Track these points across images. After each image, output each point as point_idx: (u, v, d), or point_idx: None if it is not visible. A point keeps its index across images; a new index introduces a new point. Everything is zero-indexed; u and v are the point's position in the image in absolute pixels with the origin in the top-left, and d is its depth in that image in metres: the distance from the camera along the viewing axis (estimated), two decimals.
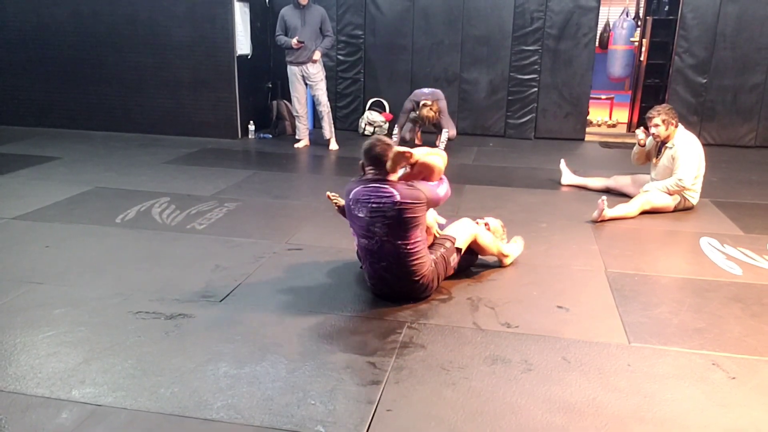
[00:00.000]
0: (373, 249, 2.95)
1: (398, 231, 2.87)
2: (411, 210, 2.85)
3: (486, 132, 7.62)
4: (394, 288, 3.01)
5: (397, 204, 2.83)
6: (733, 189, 5.37)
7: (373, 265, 3.00)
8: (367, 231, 2.93)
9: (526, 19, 7.22)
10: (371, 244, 2.94)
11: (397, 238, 2.88)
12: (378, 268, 2.98)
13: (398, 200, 2.83)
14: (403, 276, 2.95)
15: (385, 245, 2.91)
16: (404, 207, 2.83)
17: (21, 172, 5.44)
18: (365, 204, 2.89)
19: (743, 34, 6.96)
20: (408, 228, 2.88)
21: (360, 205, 2.91)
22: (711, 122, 7.26)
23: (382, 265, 2.96)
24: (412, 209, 2.85)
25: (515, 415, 2.18)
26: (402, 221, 2.85)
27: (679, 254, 3.96)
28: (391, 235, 2.87)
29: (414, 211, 2.86)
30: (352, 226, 3.04)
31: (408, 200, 2.84)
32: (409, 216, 2.85)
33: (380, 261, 2.96)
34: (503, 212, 4.57)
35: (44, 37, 7.27)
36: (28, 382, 2.32)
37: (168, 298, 3.03)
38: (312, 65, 6.49)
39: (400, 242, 2.89)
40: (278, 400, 2.24)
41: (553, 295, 3.17)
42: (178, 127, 7.25)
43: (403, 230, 2.87)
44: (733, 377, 2.45)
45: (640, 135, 4.76)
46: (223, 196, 4.86)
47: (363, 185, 2.93)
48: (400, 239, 2.89)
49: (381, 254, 2.93)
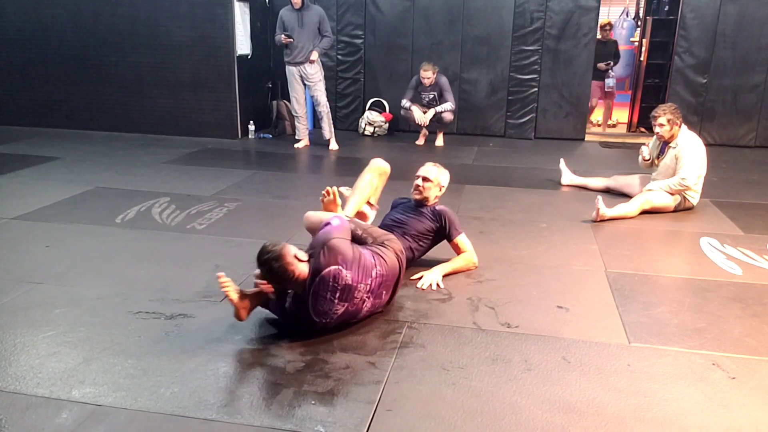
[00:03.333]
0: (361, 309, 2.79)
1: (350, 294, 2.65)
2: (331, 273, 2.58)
3: (486, 132, 7.63)
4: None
5: (322, 278, 2.57)
6: (733, 189, 5.37)
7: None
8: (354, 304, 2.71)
9: (526, 19, 7.22)
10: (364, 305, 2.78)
11: (374, 296, 2.77)
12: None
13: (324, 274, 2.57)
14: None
15: (366, 302, 2.75)
16: (325, 277, 2.57)
17: (21, 172, 5.44)
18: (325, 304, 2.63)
19: (743, 34, 6.96)
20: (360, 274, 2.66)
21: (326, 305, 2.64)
22: (711, 122, 7.26)
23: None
24: (331, 274, 2.57)
25: (515, 415, 2.18)
26: (347, 288, 2.61)
27: (679, 254, 3.96)
28: (366, 296, 2.73)
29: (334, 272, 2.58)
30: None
31: (326, 271, 2.56)
32: (339, 277, 2.58)
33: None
34: (503, 212, 4.58)
35: (44, 37, 7.27)
36: (28, 382, 2.32)
37: (168, 298, 3.03)
38: (310, 65, 6.49)
39: (376, 299, 2.79)
40: (278, 400, 2.24)
41: (553, 295, 3.17)
42: (178, 127, 7.25)
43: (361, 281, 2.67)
44: (733, 377, 2.45)
45: (645, 153, 4.77)
46: (223, 196, 4.86)
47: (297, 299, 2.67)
48: (375, 297, 2.77)
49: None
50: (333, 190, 3.35)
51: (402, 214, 3.50)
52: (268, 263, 2.55)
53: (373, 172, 3.49)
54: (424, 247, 3.44)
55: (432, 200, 3.49)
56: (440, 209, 3.42)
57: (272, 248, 2.56)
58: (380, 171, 3.51)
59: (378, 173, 3.50)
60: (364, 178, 3.47)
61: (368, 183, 3.46)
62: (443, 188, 3.52)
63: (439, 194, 3.52)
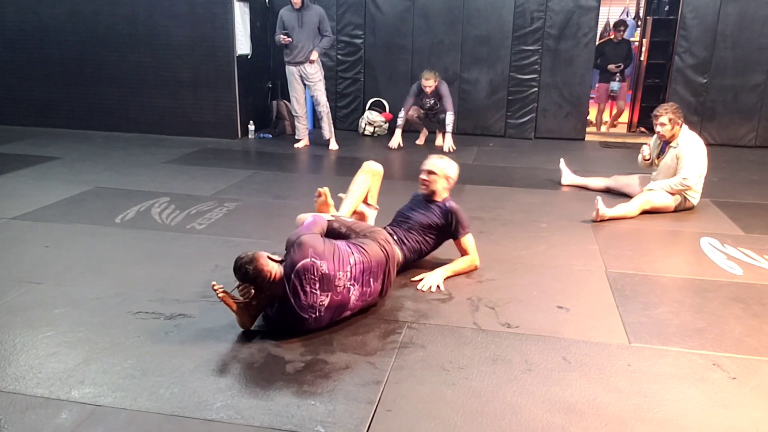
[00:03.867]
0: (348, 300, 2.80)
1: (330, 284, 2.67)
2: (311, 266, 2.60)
3: (486, 132, 7.62)
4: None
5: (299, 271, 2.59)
6: (733, 189, 5.37)
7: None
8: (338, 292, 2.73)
9: (526, 19, 7.21)
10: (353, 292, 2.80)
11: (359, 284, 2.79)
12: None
13: (299, 268, 2.58)
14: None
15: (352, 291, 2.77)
16: (303, 269, 2.59)
17: (21, 172, 5.44)
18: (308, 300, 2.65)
19: (743, 34, 6.96)
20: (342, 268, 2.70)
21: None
22: (711, 122, 7.26)
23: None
24: (311, 266, 2.60)
25: (515, 416, 2.18)
26: (325, 277, 2.63)
27: (680, 254, 3.96)
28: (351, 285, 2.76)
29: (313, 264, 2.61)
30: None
31: (302, 265, 2.59)
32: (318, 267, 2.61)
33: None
34: (503, 212, 4.58)
35: (44, 36, 7.26)
36: (28, 382, 2.32)
37: (168, 298, 3.02)
38: (310, 65, 6.49)
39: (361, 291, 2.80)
40: (278, 401, 2.23)
41: (553, 295, 3.17)
42: (177, 127, 7.25)
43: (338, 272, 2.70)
44: (734, 377, 2.45)
45: (645, 152, 4.77)
46: (222, 196, 4.86)
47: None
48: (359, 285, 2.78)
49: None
50: (324, 191, 3.40)
51: (410, 209, 3.52)
52: (243, 268, 2.57)
53: (366, 173, 3.56)
54: (432, 243, 3.45)
55: (441, 193, 3.47)
56: (450, 206, 3.43)
57: (245, 254, 2.60)
58: (373, 172, 3.57)
59: (371, 174, 3.56)
60: (357, 180, 3.53)
61: (361, 184, 3.52)
62: (451, 180, 3.50)
63: (448, 186, 3.50)
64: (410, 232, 3.38)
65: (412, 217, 3.44)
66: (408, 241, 3.37)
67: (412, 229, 3.39)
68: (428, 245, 3.43)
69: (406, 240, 3.36)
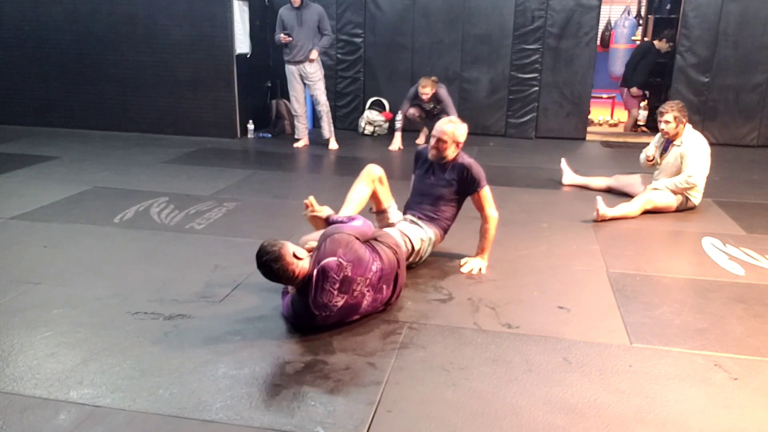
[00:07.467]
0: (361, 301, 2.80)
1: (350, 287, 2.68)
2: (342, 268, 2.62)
3: (486, 131, 7.60)
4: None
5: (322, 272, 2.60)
6: (735, 189, 5.35)
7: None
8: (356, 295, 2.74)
9: (527, 18, 7.20)
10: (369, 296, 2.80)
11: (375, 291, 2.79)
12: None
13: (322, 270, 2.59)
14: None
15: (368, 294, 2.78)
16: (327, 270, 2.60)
17: (19, 172, 5.43)
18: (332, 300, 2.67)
19: (745, 33, 6.94)
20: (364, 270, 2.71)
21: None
22: (713, 121, 7.24)
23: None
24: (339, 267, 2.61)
25: (516, 416, 2.16)
26: (346, 279, 2.63)
27: (681, 254, 3.95)
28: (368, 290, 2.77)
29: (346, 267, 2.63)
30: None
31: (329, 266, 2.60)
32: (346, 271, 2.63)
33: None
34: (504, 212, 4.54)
35: (43, 35, 7.25)
36: (26, 383, 2.31)
37: (167, 299, 3.01)
38: (309, 64, 6.48)
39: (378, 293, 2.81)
40: (277, 401, 2.22)
41: (554, 296, 3.16)
42: (176, 127, 7.23)
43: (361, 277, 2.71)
44: (736, 378, 2.44)
45: (650, 152, 4.74)
46: (222, 195, 4.84)
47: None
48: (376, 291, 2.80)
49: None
50: (309, 201, 3.30)
51: (426, 181, 3.54)
52: (268, 264, 2.55)
53: (364, 181, 3.48)
54: (458, 204, 3.56)
55: (452, 155, 3.46)
56: (465, 162, 3.45)
57: (271, 249, 2.56)
58: (372, 178, 3.48)
59: (370, 181, 3.47)
60: (355, 189, 3.48)
61: (359, 193, 3.46)
62: (461, 143, 3.48)
63: (458, 149, 3.48)
64: (437, 205, 3.49)
65: (432, 191, 3.51)
66: (437, 213, 3.49)
67: (437, 201, 3.49)
68: (455, 208, 3.57)
69: (435, 214, 3.49)
